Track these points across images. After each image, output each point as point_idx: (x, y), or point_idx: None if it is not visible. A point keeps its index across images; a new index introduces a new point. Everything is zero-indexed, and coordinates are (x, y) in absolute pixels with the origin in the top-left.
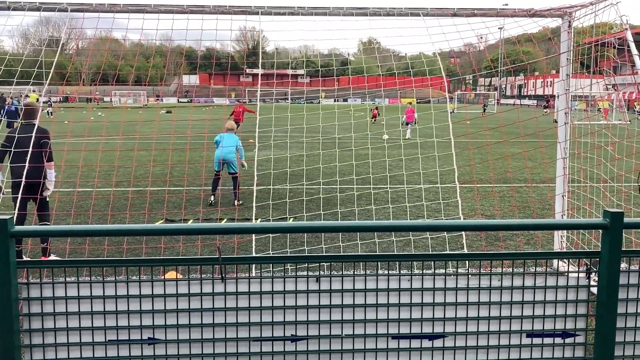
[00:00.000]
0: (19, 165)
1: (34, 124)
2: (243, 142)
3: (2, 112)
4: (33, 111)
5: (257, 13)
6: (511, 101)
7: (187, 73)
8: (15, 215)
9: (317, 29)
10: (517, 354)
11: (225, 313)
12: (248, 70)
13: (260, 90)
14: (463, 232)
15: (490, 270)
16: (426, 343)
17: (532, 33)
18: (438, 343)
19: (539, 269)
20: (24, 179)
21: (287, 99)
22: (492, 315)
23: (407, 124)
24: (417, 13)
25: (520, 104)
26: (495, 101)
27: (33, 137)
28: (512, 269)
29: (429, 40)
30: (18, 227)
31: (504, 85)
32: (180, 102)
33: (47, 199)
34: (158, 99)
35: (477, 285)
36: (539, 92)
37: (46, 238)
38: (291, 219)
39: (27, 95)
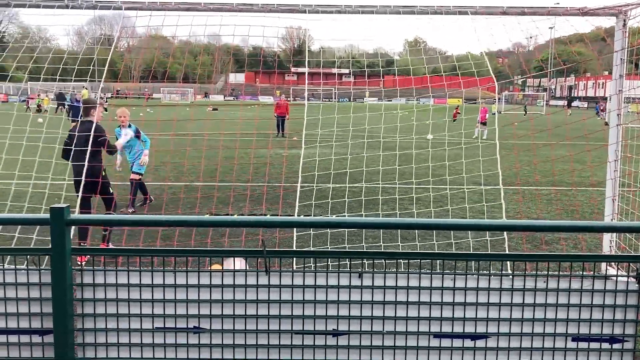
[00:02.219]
0: (78, 164)
1: (92, 122)
2: (286, 140)
3: (68, 107)
4: (90, 108)
5: (304, 11)
6: (561, 102)
7: (234, 71)
8: (77, 212)
9: (364, 27)
10: (561, 357)
11: (268, 305)
12: (293, 69)
13: (306, 89)
14: (505, 235)
15: (537, 272)
16: (468, 343)
17: (585, 33)
18: (480, 343)
19: (586, 273)
20: (83, 178)
21: (333, 98)
22: (537, 317)
23: (481, 123)
24: (465, 11)
25: (569, 106)
26: (545, 102)
27: (91, 137)
28: (559, 271)
29: (477, 39)
30: (73, 215)
31: (554, 87)
32: (226, 99)
33: (111, 191)
34: (206, 96)
35: (522, 287)
36: (590, 93)
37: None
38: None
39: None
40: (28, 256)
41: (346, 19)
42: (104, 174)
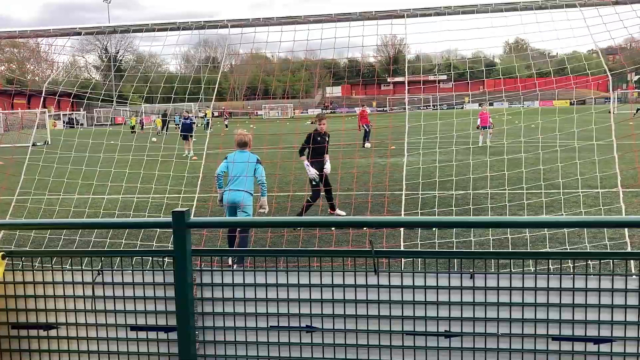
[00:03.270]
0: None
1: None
2: (379, 148)
3: (180, 124)
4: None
5: (402, 16)
6: None
7: (331, 85)
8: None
9: (463, 28)
10: None
11: (378, 305)
12: (389, 79)
13: (403, 98)
14: (626, 233)
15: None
16: (591, 347)
17: None
18: (605, 347)
19: None
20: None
21: (430, 106)
22: None
23: (482, 128)
24: (573, 4)
25: None
26: None
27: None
28: None
29: (588, 33)
30: (193, 218)
31: None
32: (324, 112)
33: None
34: (302, 112)
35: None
36: None
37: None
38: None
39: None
40: (152, 258)
41: (444, 20)
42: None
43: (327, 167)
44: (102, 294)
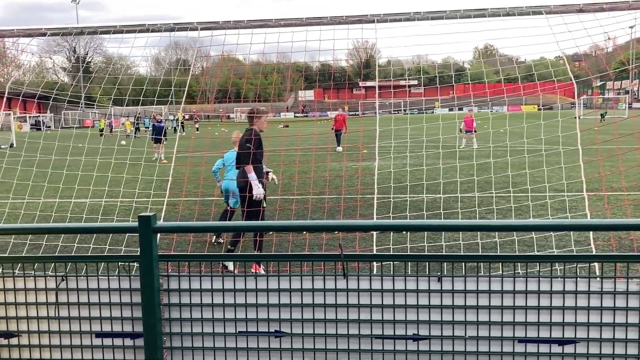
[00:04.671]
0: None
1: (250, 129)
2: (351, 152)
3: (151, 128)
4: (250, 117)
5: (373, 21)
6: None
7: (303, 88)
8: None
9: (433, 33)
10: None
11: (347, 309)
12: (361, 83)
13: (372, 102)
14: (591, 238)
15: (628, 273)
16: (555, 348)
17: None
18: (569, 349)
19: None
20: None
21: (402, 110)
22: (631, 322)
23: (466, 132)
24: (539, 11)
25: (631, 107)
26: (627, 105)
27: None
28: None
29: (553, 41)
30: (160, 223)
31: (637, 88)
32: (296, 116)
33: (264, 206)
34: (275, 115)
35: (612, 290)
36: None
37: (235, 245)
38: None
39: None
40: (119, 263)
41: (414, 25)
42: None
43: (272, 177)
44: (67, 301)
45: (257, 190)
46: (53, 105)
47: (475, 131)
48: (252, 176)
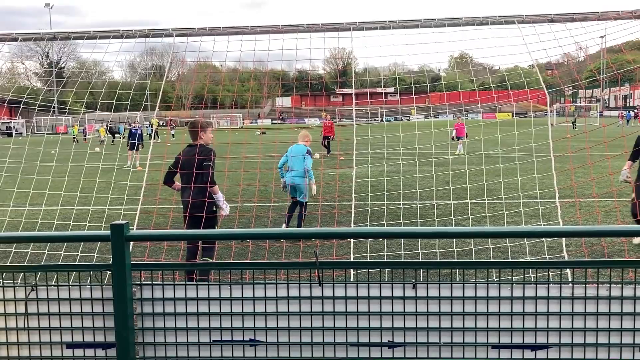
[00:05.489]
0: (183, 194)
1: (203, 145)
2: (328, 159)
3: (128, 135)
4: (195, 132)
5: (348, 29)
6: (615, 113)
7: (281, 95)
8: (186, 248)
9: (409, 43)
10: None
11: (322, 317)
12: (338, 91)
13: (350, 109)
14: (564, 244)
15: (598, 279)
16: (528, 354)
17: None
18: (541, 354)
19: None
20: (188, 211)
21: (379, 117)
22: (601, 327)
23: (457, 138)
24: (512, 21)
25: (602, 115)
26: (598, 114)
27: (195, 160)
28: (635, 279)
29: (526, 50)
30: (133, 231)
31: (607, 97)
32: (274, 123)
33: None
34: (252, 122)
35: (583, 295)
36: None
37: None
38: None
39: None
40: (91, 272)
41: (390, 34)
42: (215, 209)
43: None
44: (36, 311)
45: (226, 210)
46: (24, 111)
47: (466, 136)
48: (219, 197)
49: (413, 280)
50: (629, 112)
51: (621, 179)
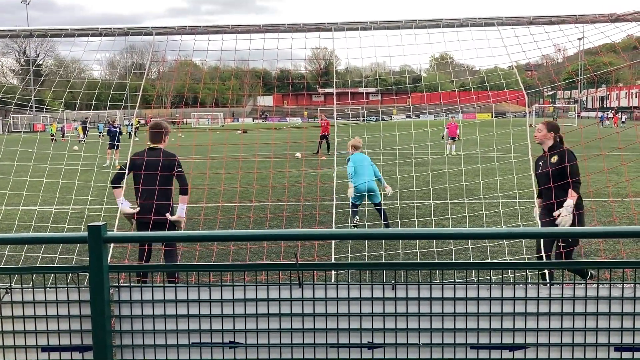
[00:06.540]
0: (144, 198)
1: (160, 149)
2: (310, 159)
3: (107, 132)
4: (160, 133)
5: (330, 30)
6: (593, 114)
7: (262, 94)
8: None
9: (390, 45)
10: None
11: (302, 318)
12: (320, 90)
13: (332, 109)
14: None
15: (574, 279)
16: (506, 354)
17: (616, 41)
18: (519, 354)
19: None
20: (152, 216)
21: (360, 117)
22: (577, 327)
23: (451, 139)
24: (491, 23)
25: (580, 116)
26: (576, 114)
27: (160, 165)
28: (610, 279)
29: (505, 52)
30: (111, 233)
31: (585, 98)
32: (255, 122)
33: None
34: (233, 120)
35: (559, 296)
36: (623, 103)
37: (173, 274)
38: None
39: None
40: (68, 274)
41: (371, 35)
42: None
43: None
44: (11, 314)
45: (181, 218)
46: (0, 109)
47: (458, 138)
48: (184, 205)
49: (393, 281)
50: (603, 113)
51: None
